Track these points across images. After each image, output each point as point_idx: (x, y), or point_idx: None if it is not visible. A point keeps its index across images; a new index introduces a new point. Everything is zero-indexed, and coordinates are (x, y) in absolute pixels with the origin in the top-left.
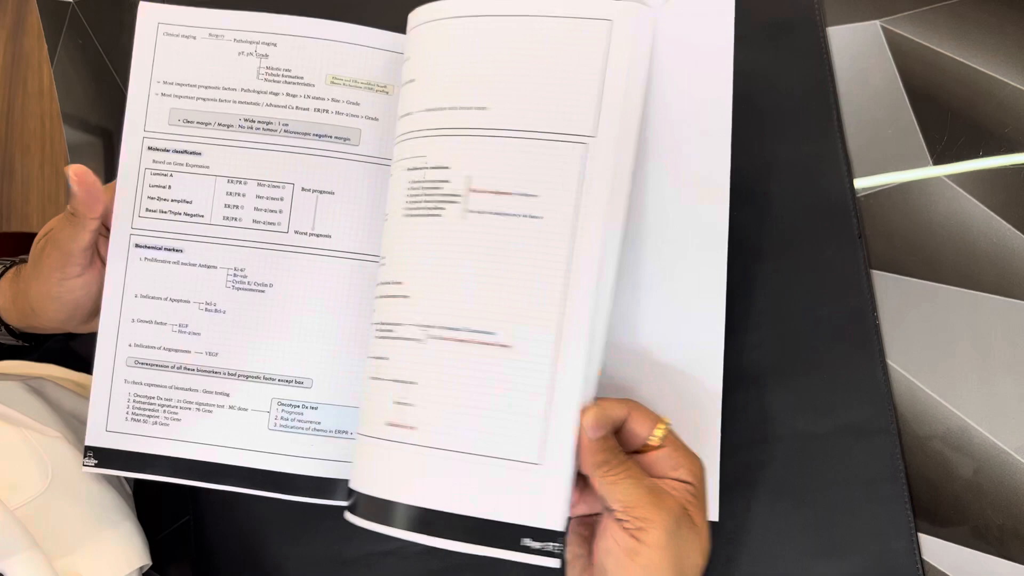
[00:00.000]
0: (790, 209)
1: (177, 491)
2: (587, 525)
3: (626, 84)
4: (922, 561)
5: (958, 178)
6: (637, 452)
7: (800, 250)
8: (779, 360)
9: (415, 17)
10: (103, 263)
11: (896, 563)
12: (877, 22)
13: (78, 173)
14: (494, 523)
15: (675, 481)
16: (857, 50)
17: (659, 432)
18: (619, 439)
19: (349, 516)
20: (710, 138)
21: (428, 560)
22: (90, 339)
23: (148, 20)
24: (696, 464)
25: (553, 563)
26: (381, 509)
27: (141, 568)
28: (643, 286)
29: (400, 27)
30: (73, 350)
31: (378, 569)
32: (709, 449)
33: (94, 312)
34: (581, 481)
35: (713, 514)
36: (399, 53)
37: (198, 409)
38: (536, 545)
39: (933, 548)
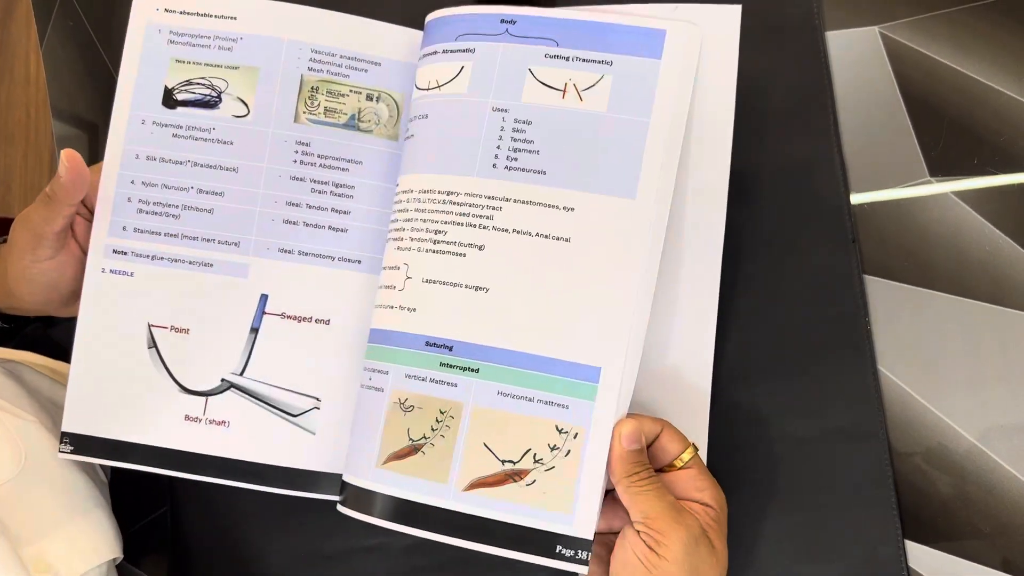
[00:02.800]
0: (784, 212)
1: (155, 481)
2: (603, 544)
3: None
4: (908, 568)
5: (953, 185)
6: (662, 470)
7: (794, 253)
8: (770, 363)
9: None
10: (79, 245)
11: (882, 569)
12: (876, 28)
13: (71, 158)
14: (530, 529)
15: (697, 504)
16: (855, 55)
17: (687, 454)
18: (648, 455)
19: (347, 512)
20: (711, 143)
21: (412, 556)
22: (69, 329)
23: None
24: (719, 492)
25: (582, 570)
26: (413, 511)
27: (113, 560)
28: None
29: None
30: (52, 338)
31: (361, 565)
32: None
33: (73, 295)
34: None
35: None
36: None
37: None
38: (569, 552)
39: (919, 555)
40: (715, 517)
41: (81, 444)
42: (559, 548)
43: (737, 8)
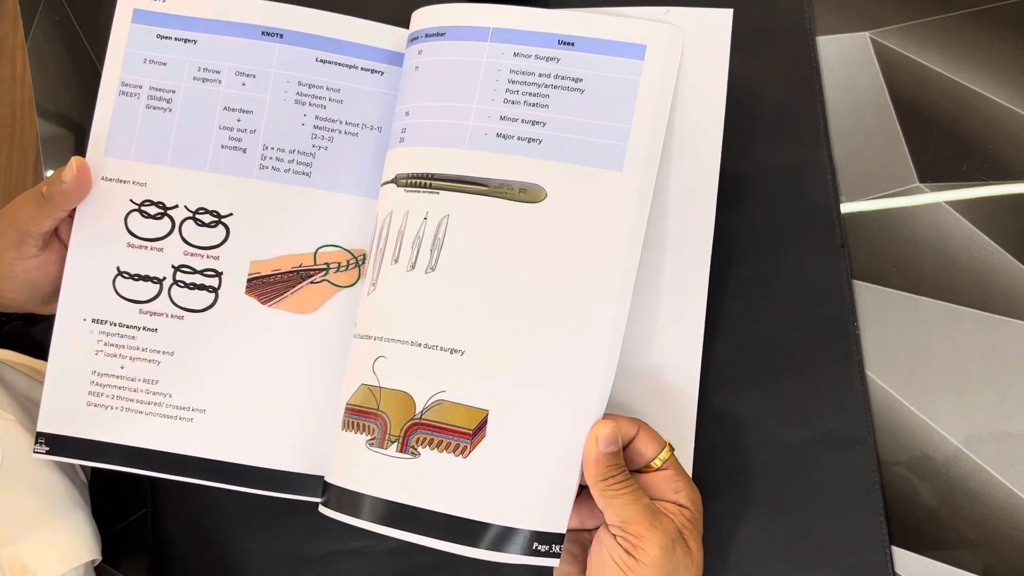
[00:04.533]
0: (774, 216)
1: (135, 482)
2: (577, 543)
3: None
4: (895, 574)
5: (942, 191)
6: (638, 471)
7: (782, 257)
8: (758, 367)
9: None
10: (63, 244)
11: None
12: (866, 34)
13: (82, 167)
14: (503, 528)
15: (673, 505)
16: (846, 61)
17: (664, 455)
18: (624, 456)
19: (328, 512)
20: (701, 146)
21: (394, 560)
22: (49, 327)
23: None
24: (695, 492)
25: (555, 563)
26: (390, 511)
27: (91, 561)
28: None
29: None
30: (32, 336)
31: (342, 568)
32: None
33: (54, 293)
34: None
35: None
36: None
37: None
38: (544, 548)
39: (907, 562)
40: (690, 518)
41: (57, 444)
42: (535, 544)
43: (728, 11)
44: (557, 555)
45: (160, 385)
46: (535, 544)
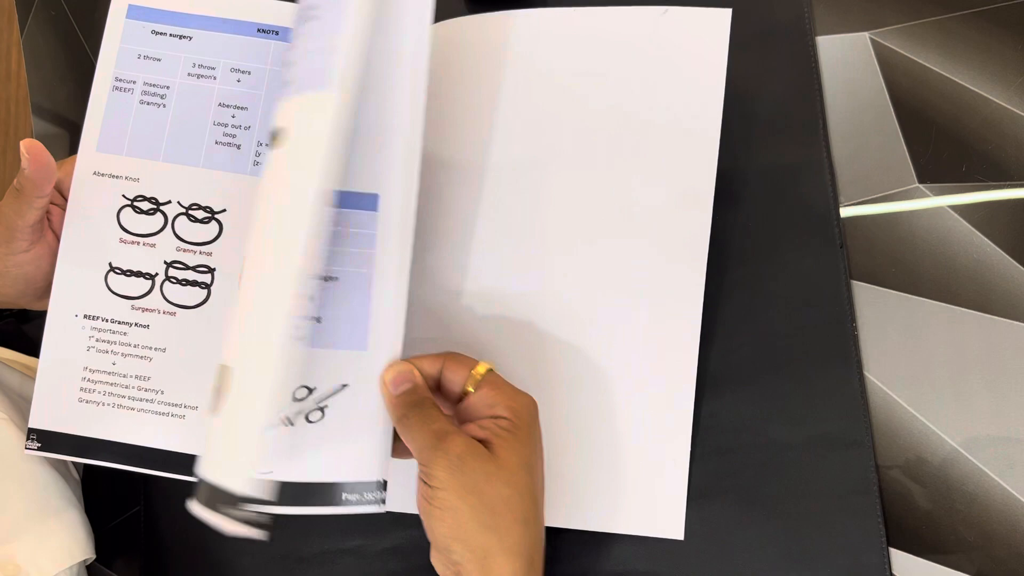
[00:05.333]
0: (772, 216)
1: (128, 480)
2: None
3: None
4: None
5: (941, 192)
6: (461, 401)
7: (780, 257)
8: (755, 368)
9: None
10: (56, 238)
11: None
12: (866, 34)
13: (31, 149)
14: (304, 484)
15: (488, 419)
16: (845, 61)
17: (475, 377)
18: (442, 391)
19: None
20: (698, 145)
21: (388, 560)
22: (42, 324)
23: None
24: (518, 399)
25: (376, 508)
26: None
27: (84, 560)
28: (621, 288)
29: None
30: (26, 333)
31: (336, 568)
32: (679, 455)
33: (47, 288)
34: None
35: (678, 531)
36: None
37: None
38: (354, 497)
39: (904, 563)
40: (507, 425)
41: (48, 440)
42: (344, 495)
43: (727, 11)
44: (375, 501)
45: (152, 381)
46: (344, 495)
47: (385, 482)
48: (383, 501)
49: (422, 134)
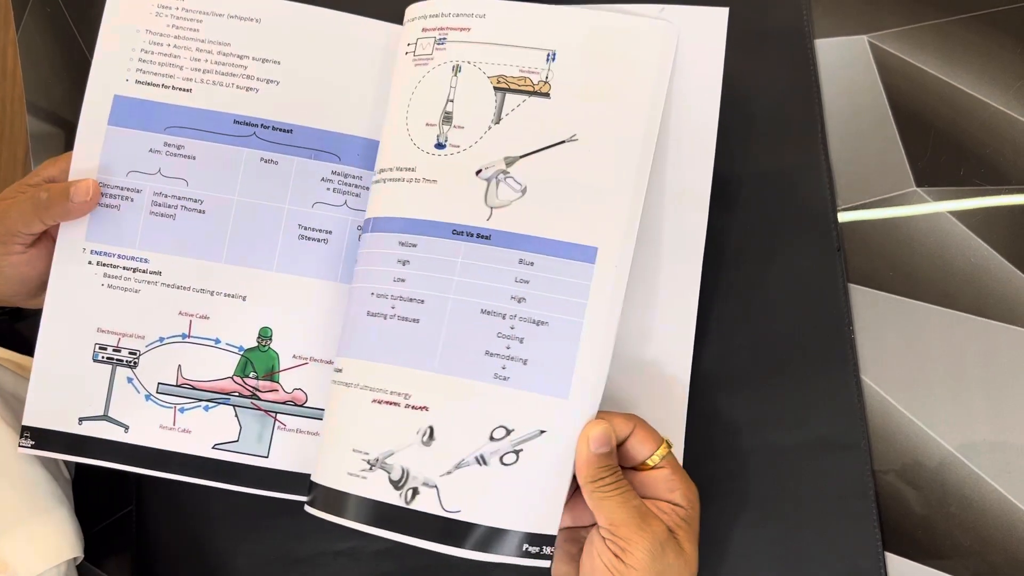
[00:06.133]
0: (770, 219)
1: (120, 479)
2: (574, 542)
3: None
4: None
5: (939, 196)
6: (635, 468)
7: (778, 260)
8: (751, 370)
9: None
10: (52, 237)
11: None
12: (864, 37)
13: (96, 191)
14: (491, 529)
15: (668, 504)
16: (844, 64)
17: (661, 452)
18: (619, 453)
19: (314, 512)
20: (695, 145)
21: (382, 561)
22: (36, 323)
23: None
24: (692, 490)
25: (545, 564)
26: (377, 512)
27: (73, 559)
28: None
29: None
30: (19, 332)
31: (330, 569)
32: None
33: (41, 287)
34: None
35: None
36: None
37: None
38: (534, 549)
39: (900, 568)
40: (685, 517)
41: (42, 439)
42: (525, 546)
43: (724, 11)
44: (548, 557)
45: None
46: (525, 546)
47: (555, 537)
48: (551, 557)
49: (644, 192)
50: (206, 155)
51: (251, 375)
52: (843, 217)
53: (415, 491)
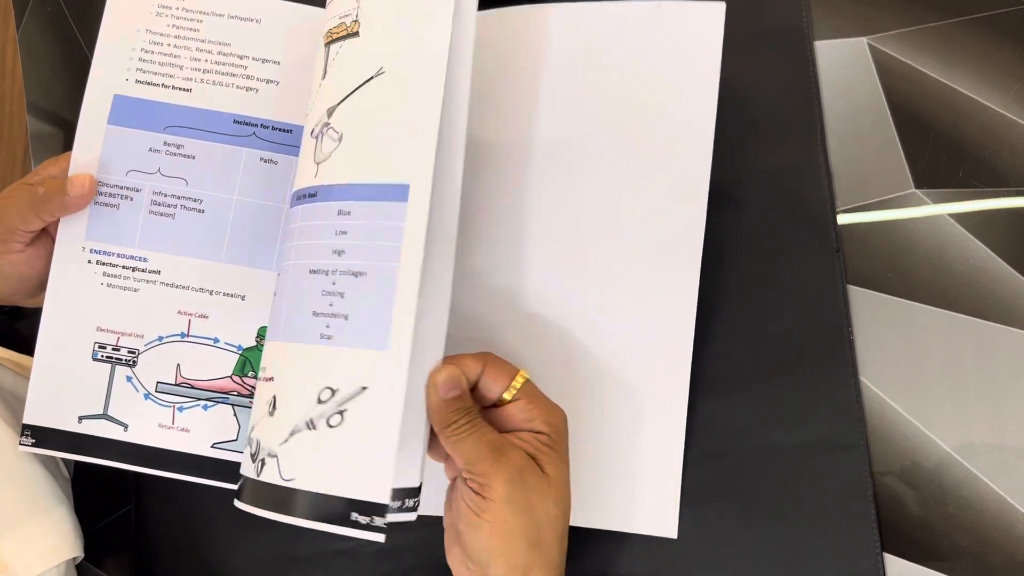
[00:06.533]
0: (769, 220)
1: (119, 478)
2: None
3: None
4: None
5: (938, 198)
6: (495, 406)
7: (777, 261)
8: (750, 371)
9: None
10: (51, 236)
11: None
12: (864, 39)
13: (93, 184)
14: (318, 495)
15: (528, 432)
16: (843, 66)
17: (516, 384)
18: (475, 394)
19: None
20: (692, 144)
21: (381, 561)
22: (35, 323)
23: None
24: (554, 414)
25: (411, 516)
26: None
27: (73, 559)
28: (614, 287)
29: None
30: (18, 331)
31: (329, 569)
32: (672, 453)
33: (41, 286)
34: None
35: (671, 530)
36: None
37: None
38: (364, 520)
39: (898, 569)
40: (548, 441)
41: (42, 437)
42: (354, 515)
43: (721, 5)
44: (379, 529)
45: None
46: (353, 515)
47: (419, 487)
48: (415, 508)
49: (463, 126)
50: (206, 155)
51: (250, 374)
52: (842, 219)
53: (263, 462)
